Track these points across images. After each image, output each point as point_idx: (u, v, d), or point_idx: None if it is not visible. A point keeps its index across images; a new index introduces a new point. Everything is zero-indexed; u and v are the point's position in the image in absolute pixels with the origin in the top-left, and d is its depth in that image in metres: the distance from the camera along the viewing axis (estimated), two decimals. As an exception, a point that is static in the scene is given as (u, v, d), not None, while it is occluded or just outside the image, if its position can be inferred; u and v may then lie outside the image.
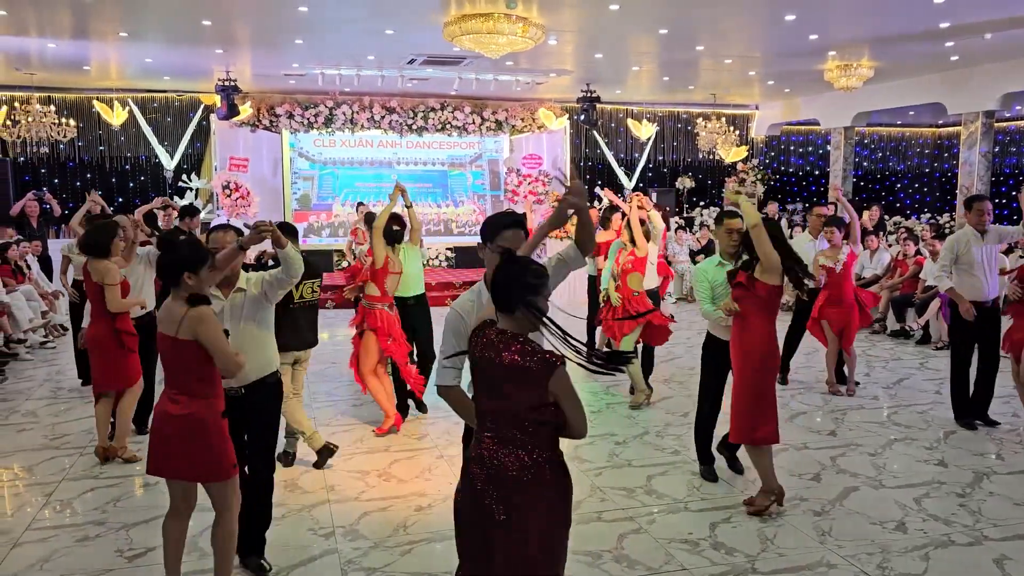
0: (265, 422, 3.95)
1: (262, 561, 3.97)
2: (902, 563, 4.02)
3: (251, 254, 6.47)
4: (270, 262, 5.82)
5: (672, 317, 7.35)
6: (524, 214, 3.96)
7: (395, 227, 6.34)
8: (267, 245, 4.54)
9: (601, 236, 8.38)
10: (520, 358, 2.45)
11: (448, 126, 14.83)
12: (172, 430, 3.38)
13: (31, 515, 4.66)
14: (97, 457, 5.54)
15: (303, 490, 5.04)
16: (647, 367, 7.31)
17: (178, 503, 3.57)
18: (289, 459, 5.41)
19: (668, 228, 11.71)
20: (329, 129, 14.42)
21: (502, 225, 3.04)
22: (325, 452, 5.32)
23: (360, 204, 12.58)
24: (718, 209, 16.35)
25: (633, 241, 6.77)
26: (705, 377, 5.26)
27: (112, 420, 5.63)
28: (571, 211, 2.95)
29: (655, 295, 7.08)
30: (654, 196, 15.63)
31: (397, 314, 6.25)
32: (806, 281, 4.65)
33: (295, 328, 5.18)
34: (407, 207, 6.77)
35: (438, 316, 8.68)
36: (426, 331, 6.74)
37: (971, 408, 6.29)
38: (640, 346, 7.15)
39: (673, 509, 4.72)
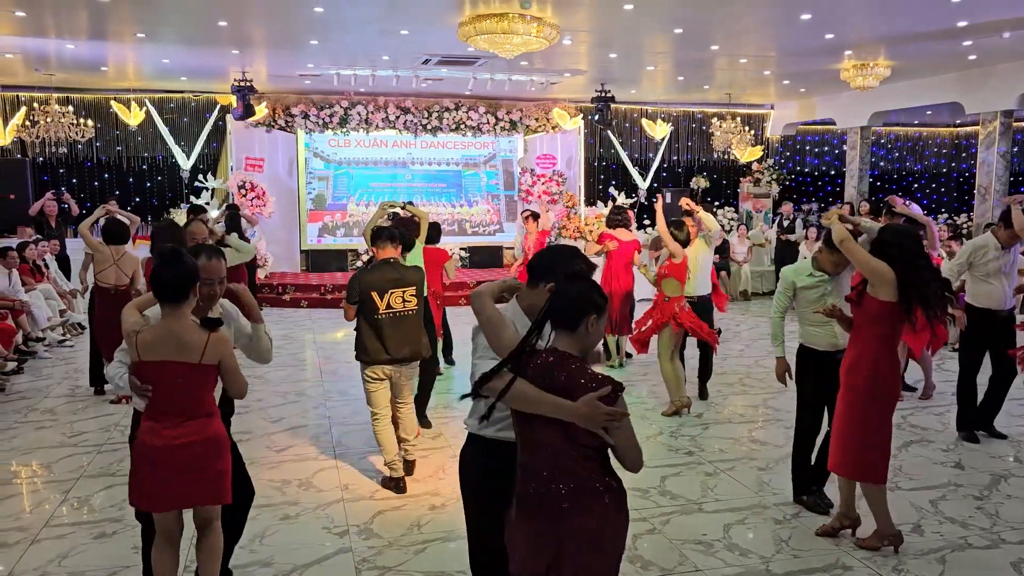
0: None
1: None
2: (918, 566, 3.99)
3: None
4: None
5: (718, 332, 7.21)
6: (538, 214, 3.95)
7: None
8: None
9: (623, 235, 8.42)
10: (584, 380, 2.40)
11: (462, 126, 14.84)
12: (188, 458, 3.16)
13: (49, 512, 4.71)
14: None
15: (317, 488, 5.07)
16: (705, 373, 7.19)
17: (172, 528, 3.34)
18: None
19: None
20: (344, 129, 14.47)
21: (567, 256, 2.87)
22: (391, 483, 5.01)
23: (409, 204, 12.58)
24: (732, 209, 16.31)
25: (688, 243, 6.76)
26: (801, 394, 4.79)
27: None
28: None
29: (707, 303, 6.94)
30: (668, 196, 15.59)
31: None
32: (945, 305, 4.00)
33: (380, 341, 4.87)
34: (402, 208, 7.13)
35: (451, 316, 8.65)
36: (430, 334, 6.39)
37: (976, 418, 6.04)
38: (697, 352, 7.14)
39: (687, 510, 4.71)
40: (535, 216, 10.66)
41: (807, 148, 18.08)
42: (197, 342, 3.13)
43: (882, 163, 18.73)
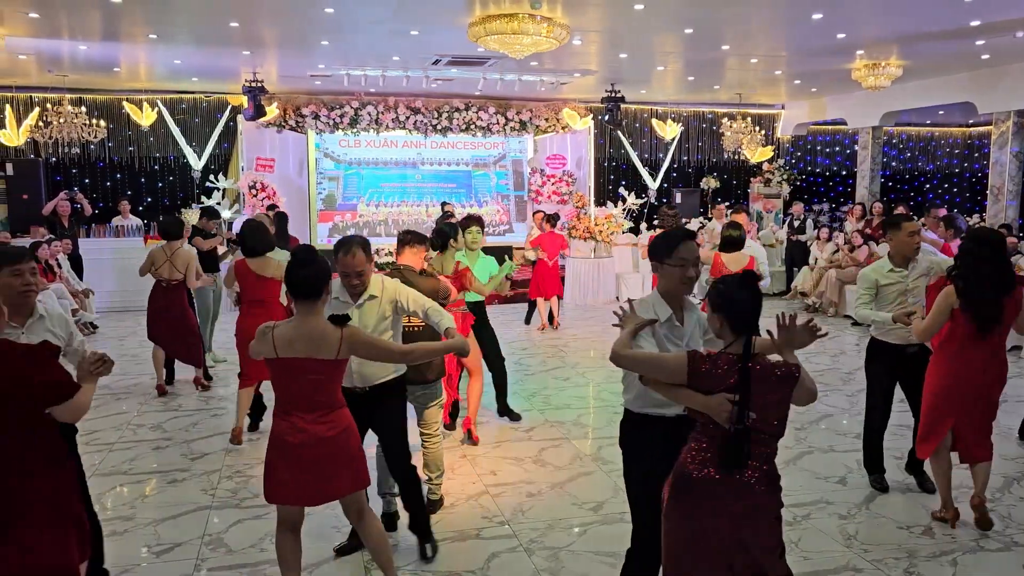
0: (391, 411, 4.00)
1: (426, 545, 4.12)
2: (929, 568, 3.97)
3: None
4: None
5: None
6: (554, 215, 3.91)
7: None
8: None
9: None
10: (786, 367, 2.76)
11: (472, 126, 14.85)
12: (328, 451, 3.28)
13: (62, 510, 4.73)
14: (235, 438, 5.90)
15: (327, 488, 5.08)
16: None
17: (296, 519, 3.50)
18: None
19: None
20: (354, 129, 14.50)
21: (678, 239, 3.13)
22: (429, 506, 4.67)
23: (445, 203, 12.65)
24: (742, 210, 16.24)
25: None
26: (872, 384, 5.03)
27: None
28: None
29: None
30: (679, 197, 15.58)
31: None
32: None
33: None
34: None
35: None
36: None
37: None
38: None
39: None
40: (550, 219, 10.89)
41: (818, 148, 18.00)
42: (332, 339, 3.21)
43: (894, 163, 18.63)
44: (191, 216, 12.08)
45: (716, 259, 6.19)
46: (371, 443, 5.41)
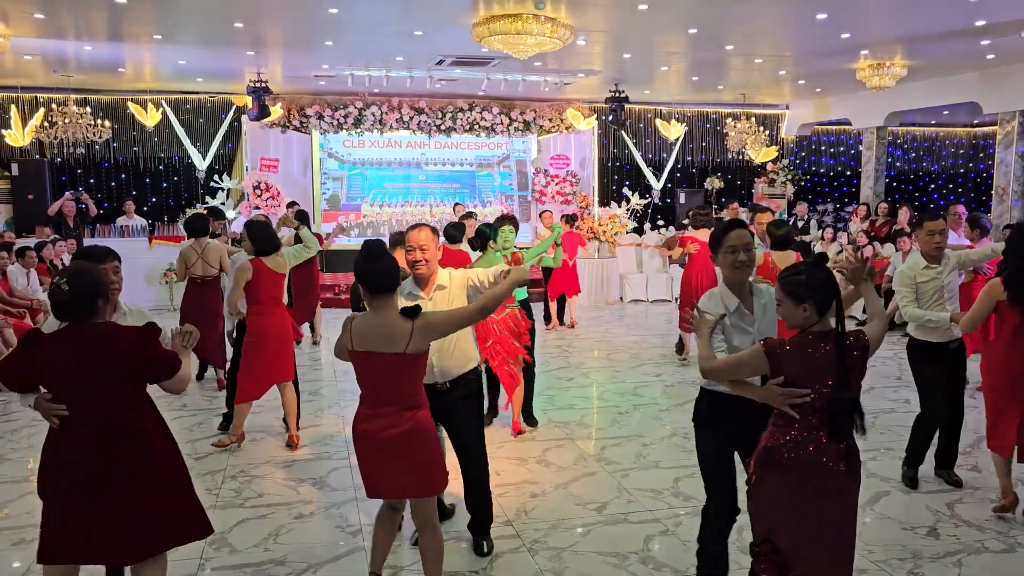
0: (469, 410, 4.04)
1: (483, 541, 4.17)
2: (934, 569, 3.96)
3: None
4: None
5: None
6: (572, 215, 3.90)
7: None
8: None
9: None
10: (857, 337, 2.88)
11: (476, 127, 14.85)
12: (393, 449, 3.31)
13: (66, 509, 4.74)
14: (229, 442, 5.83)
15: (331, 487, 5.09)
16: None
17: (395, 508, 3.61)
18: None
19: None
20: (358, 130, 14.50)
21: (725, 229, 3.37)
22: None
23: (457, 204, 12.65)
24: (746, 209, 16.23)
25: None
26: (926, 386, 5.05)
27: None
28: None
29: None
30: (682, 197, 15.56)
31: None
32: None
33: None
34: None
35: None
36: None
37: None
38: None
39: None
40: (569, 219, 10.97)
41: (822, 148, 17.97)
42: (402, 332, 3.24)
43: (898, 163, 18.59)
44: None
45: (766, 258, 6.23)
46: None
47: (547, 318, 11.07)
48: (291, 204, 11.41)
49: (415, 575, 3.97)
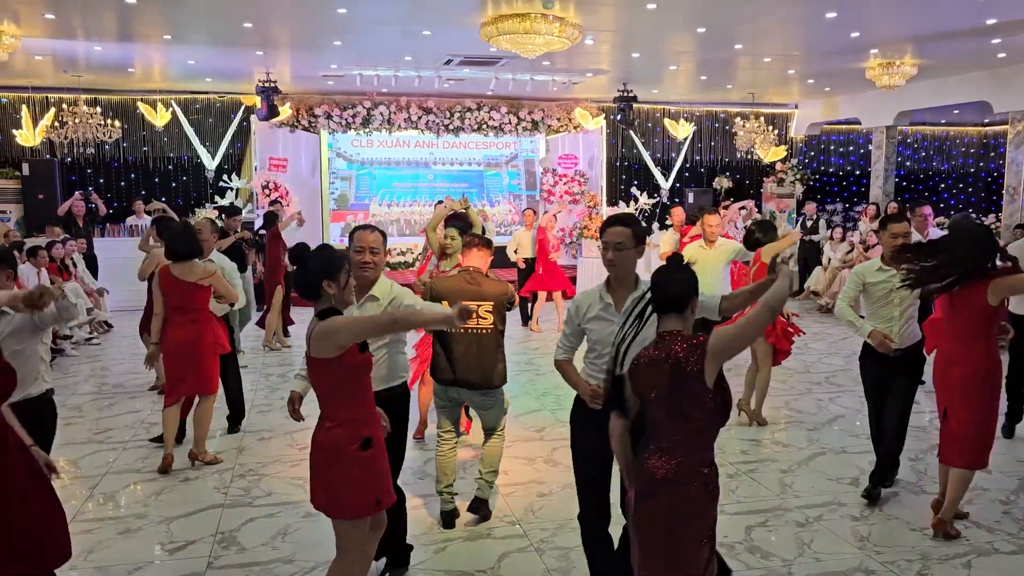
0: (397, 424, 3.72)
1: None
2: (943, 571, 3.95)
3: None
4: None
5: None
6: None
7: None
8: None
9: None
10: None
11: (484, 126, 14.86)
12: (313, 458, 3.15)
13: (76, 508, 4.77)
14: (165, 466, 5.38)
15: (339, 487, 5.09)
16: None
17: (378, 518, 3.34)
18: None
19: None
20: (367, 129, 14.53)
21: (603, 225, 3.40)
22: (442, 516, 4.59)
23: (439, 203, 12.53)
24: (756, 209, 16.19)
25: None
26: (865, 391, 4.98)
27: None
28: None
29: None
30: (691, 197, 15.53)
31: None
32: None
33: (451, 361, 4.40)
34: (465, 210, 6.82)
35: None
36: None
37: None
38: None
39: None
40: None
41: (832, 148, 17.91)
42: (316, 334, 3.03)
43: (908, 163, 18.51)
44: (205, 215, 12.16)
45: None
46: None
47: (523, 316, 10.94)
48: (274, 202, 11.42)
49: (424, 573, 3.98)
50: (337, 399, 3.10)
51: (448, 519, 4.51)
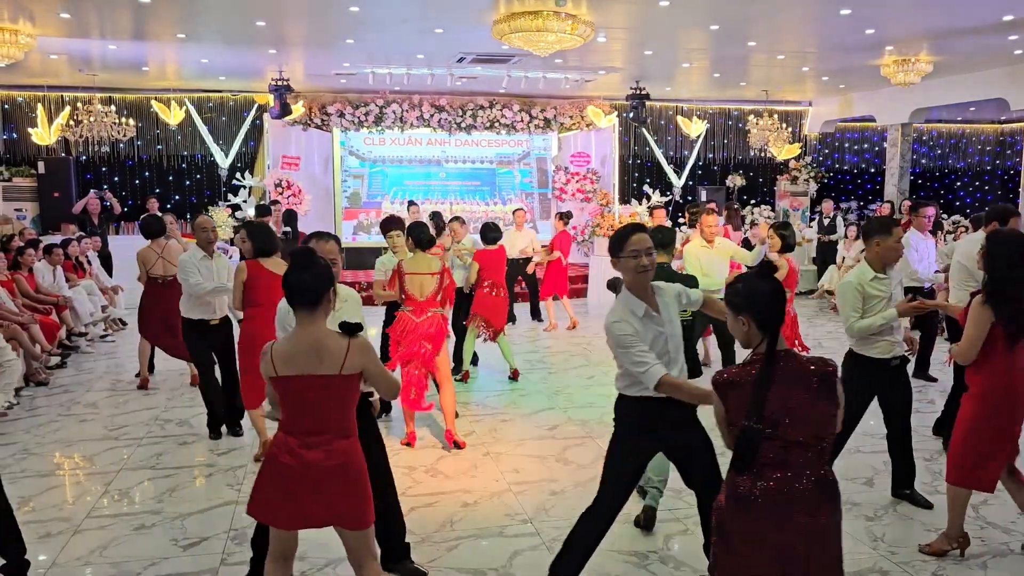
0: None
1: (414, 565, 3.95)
2: (958, 571, 3.92)
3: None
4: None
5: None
6: (567, 213, 3.95)
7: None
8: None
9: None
10: (820, 364, 2.65)
11: (496, 124, 14.84)
12: (320, 479, 2.95)
13: (91, 504, 4.81)
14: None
15: (351, 484, 5.10)
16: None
17: (287, 546, 3.21)
18: None
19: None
20: (379, 127, 14.54)
21: (626, 234, 3.35)
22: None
23: (412, 204, 12.58)
24: (768, 207, 16.12)
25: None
26: (848, 400, 4.82)
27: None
28: None
29: None
30: (704, 194, 15.46)
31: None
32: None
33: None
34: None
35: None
36: None
37: None
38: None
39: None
40: (563, 217, 10.93)
41: (846, 145, 17.79)
42: (337, 350, 2.92)
43: (923, 160, 18.37)
44: (218, 213, 12.22)
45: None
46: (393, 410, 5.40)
47: (534, 314, 11.18)
48: (274, 203, 11.46)
49: None
50: (349, 411, 3.06)
51: (650, 518, 4.55)
